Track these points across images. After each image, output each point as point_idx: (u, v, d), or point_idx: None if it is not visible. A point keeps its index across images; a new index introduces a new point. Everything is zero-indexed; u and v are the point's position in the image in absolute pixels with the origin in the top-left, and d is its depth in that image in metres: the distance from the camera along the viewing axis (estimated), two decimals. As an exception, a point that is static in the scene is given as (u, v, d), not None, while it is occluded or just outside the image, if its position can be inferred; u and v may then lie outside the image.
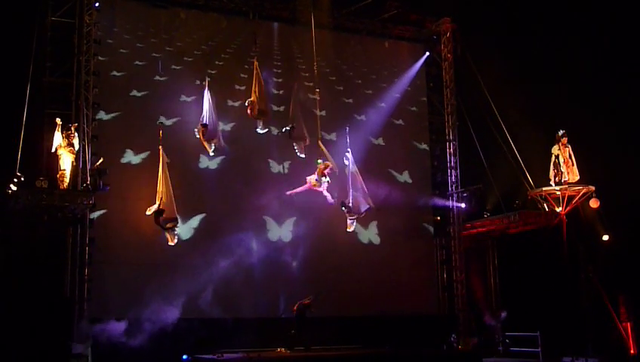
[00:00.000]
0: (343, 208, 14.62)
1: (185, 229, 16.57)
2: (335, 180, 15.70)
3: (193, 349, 14.95)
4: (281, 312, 17.04)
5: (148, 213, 14.09)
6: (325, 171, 14.36)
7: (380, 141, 19.90)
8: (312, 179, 14.48)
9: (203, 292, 16.27)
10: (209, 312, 16.27)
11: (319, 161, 14.43)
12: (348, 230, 15.18)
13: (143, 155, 16.86)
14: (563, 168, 16.51)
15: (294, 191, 15.02)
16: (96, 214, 16.03)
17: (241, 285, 16.75)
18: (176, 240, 14.57)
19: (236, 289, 16.66)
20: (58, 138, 14.42)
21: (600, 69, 18.92)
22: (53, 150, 14.39)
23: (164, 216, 14.03)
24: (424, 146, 20.79)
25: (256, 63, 14.56)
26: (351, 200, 14.68)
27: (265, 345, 15.66)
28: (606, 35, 19.25)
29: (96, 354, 14.67)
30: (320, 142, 14.59)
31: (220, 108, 17.24)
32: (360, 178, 14.92)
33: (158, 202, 14.00)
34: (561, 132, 16.72)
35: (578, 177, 16.54)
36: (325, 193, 14.61)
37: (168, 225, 14.22)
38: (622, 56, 19.11)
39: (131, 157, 16.89)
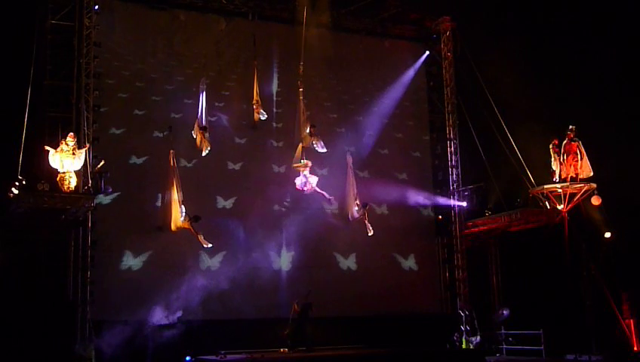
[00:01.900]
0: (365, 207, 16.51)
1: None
2: (335, 180, 16.09)
3: (196, 350, 14.94)
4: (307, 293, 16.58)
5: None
6: (307, 169, 15.51)
7: (380, 140, 19.84)
8: (300, 179, 15.49)
9: (206, 294, 16.24)
10: (211, 313, 16.28)
11: (302, 160, 15.55)
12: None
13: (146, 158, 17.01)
14: (554, 164, 16.53)
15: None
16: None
17: (243, 286, 16.73)
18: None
19: (239, 290, 16.64)
20: (56, 159, 14.13)
21: (601, 66, 18.90)
22: (61, 172, 14.15)
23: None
24: (425, 145, 20.77)
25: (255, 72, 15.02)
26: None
27: (268, 346, 15.65)
28: (607, 33, 19.24)
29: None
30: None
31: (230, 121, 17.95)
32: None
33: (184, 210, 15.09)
34: (570, 127, 16.67)
35: (591, 173, 16.48)
36: (319, 191, 15.28)
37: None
38: (622, 54, 19.09)
39: (135, 160, 17.00)
